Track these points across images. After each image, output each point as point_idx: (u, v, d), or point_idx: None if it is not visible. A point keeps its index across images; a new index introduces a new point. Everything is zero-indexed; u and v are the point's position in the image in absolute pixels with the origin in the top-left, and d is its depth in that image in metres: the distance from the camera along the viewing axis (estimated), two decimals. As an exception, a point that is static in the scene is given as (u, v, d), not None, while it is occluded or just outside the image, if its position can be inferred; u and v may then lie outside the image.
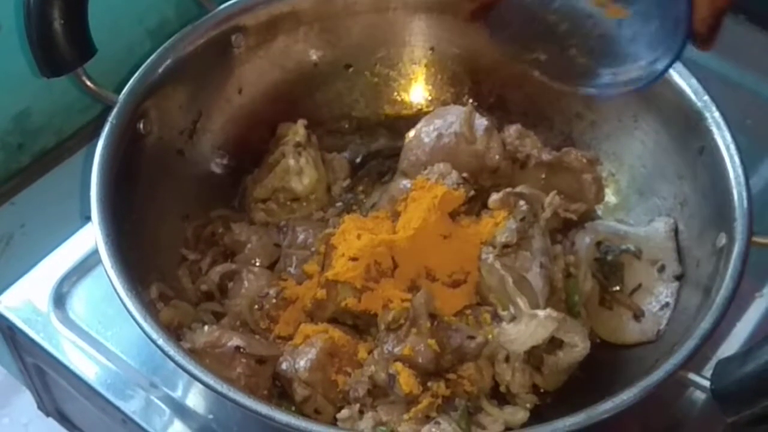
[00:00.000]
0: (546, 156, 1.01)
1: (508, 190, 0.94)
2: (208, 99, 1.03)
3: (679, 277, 0.93)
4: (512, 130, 1.04)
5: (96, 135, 0.92)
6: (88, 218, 0.88)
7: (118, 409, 0.93)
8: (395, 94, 1.13)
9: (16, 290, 1.01)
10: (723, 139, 0.91)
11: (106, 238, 0.84)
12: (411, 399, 0.83)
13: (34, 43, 0.89)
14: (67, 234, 1.06)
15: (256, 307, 0.92)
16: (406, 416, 0.83)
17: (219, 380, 0.77)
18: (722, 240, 0.86)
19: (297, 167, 1.02)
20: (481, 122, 1.02)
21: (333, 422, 0.85)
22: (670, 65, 0.84)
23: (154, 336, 0.79)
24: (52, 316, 0.99)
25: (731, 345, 0.95)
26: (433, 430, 0.81)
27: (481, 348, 0.87)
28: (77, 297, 1.01)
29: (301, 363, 0.86)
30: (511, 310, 0.87)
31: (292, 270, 0.95)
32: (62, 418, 1.11)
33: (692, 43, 0.81)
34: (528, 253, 0.90)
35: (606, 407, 0.75)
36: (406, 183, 0.98)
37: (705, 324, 0.80)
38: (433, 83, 1.13)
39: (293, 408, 0.86)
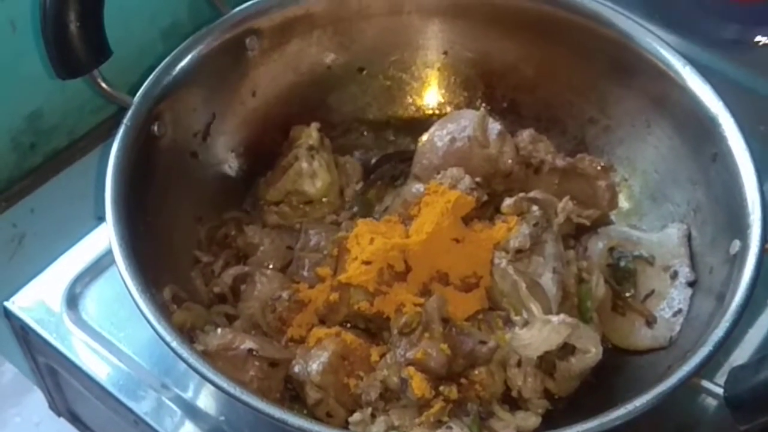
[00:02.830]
0: (560, 162, 1.01)
1: (522, 195, 0.95)
2: (222, 101, 1.03)
3: (692, 284, 0.93)
4: (525, 134, 1.04)
5: (108, 136, 0.93)
6: (101, 219, 0.88)
7: (129, 410, 0.93)
8: (408, 97, 1.13)
9: (29, 290, 1.01)
10: (737, 145, 0.91)
11: (121, 240, 0.84)
12: (423, 403, 0.83)
13: (50, 45, 0.89)
14: (79, 234, 1.06)
15: (269, 310, 0.92)
16: (417, 420, 0.83)
17: (232, 383, 0.77)
18: (736, 247, 0.86)
19: (310, 170, 1.02)
20: (494, 126, 1.02)
21: (345, 426, 0.85)
22: None
23: (168, 338, 0.79)
24: (65, 317, 0.99)
25: (744, 351, 0.95)
26: (446, 434, 0.81)
27: (492, 353, 0.87)
28: (90, 298, 1.01)
29: (314, 366, 0.86)
30: (524, 315, 0.87)
31: (304, 273, 0.95)
32: (74, 418, 1.11)
33: None
34: (541, 258, 0.90)
35: (619, 414, 0.75)
36: (419, 187, 0.98)
37: (718, 331, 0.79)
38: (447, 87, 1.13)
39: (305, 411, 0.86)
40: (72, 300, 1.00)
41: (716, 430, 0.91)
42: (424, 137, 1.04)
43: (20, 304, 1.00)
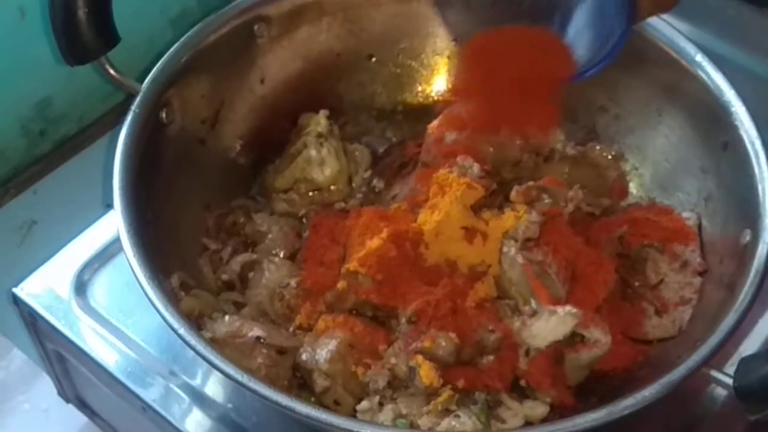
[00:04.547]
0: (570, 150, 1.01)
1: (531, 183, 0.94)
2: (231, 89, 1.03)
3: (702, 273, 0.93)
4: (535, 122, 1.03)
5: (117, 123, 0.93)
6: (109, 206, 0.88)
7: (137, 396, 0.94)
8: (418, 85, 1.13)
9: (37, 277, 1.02)
10: (748, 134, 0.90)
11: (129, 227, 0.85)
12: (431, 392, 0.83)
13: (58, 31, 0.89)
14: (88, 221, 1.06)
15: (277, 297, 0.92)
16: (425, 409, 0.83)
17: (239, 370, 0.77)
18: (746, 236, 0.85)
19: (318, 158, 1.01)
20: (504, 114, 1.02)
21: (352, 414, 0.85)
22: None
23: (176, 325, 0.79)
24: (73, 304, 0.99)
25: (754, 341, 0.94)
26: (453, 423, 0.81)
27: (500, 341, 0.87)
28: (98, 284, 1.01)
29: (322, 354, 0.86)
30: (533, 304, 0.87)
31: (312, 260, 0.95)
32: (82, 404, 1.12)
33: None
34: (550, 247, 0.90)
35: (628, 403, 0.75)
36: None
37: (728, 321, 0.79)
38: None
39: (313, 399, 0.86)
40: (80, 287, 1.01)
41: (725, 420, 0.90)
42: (434, 125, 1.03)
43: (29, 290, 1.00)
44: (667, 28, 0.99)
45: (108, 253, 1.03)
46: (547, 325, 0.85)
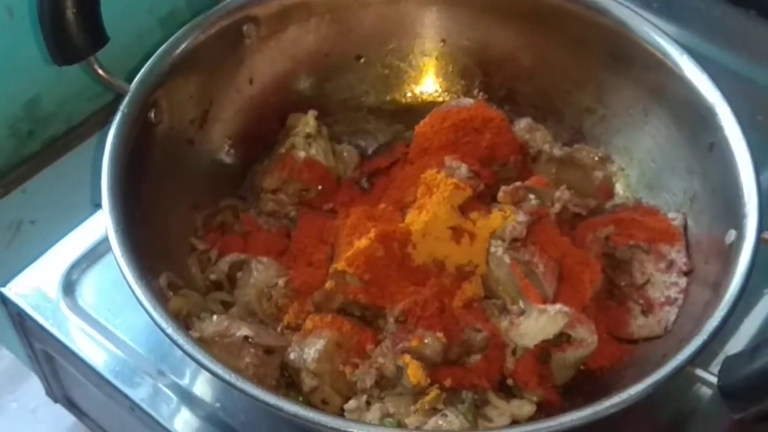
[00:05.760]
0: (557, 151, 1.01)
1: (518, 183, 0.95)
2: (219, 89, 1.03)
3: (687, 273, 0.93)
4: (522, 123, 1.04)
5: (106, 123, 0.93)
6: (98, 206, 0.88)
7: (125, 396, 0.94)
8: (406, 86, 1.13)
9: (25, 277, 1.01)
10: (733, 135, 0.91)
11: (117, 227, 0.85)
12: (418, 391, 0.84)
13: (46, 31, 0.89)
14: (77, 221, 1.06)
15: (265, 297, 0.92)
16: (413, 408, 0.83)
17: (227, 370, 0.77)
18: (732, 236, 0.86)
19: (307, 158, 1.02)
20: (492, 116, 1.02)
21: (340, 413, 0.85)
22: None
23: (164, 325, 0.80)
24: (62, 303, 0.99)
25: (739, 341, 0.95)
26: (440, 422, 0.81)
27: (487, 341, 0.87)
28: (87, 284, 1.01)
29: (310, 353, 0.86)
30: (521, 304, 0.88)
31: (301, 261, 0.95)
32: (70, 404, 1.12)
33: None
34: (537, 247, 0.90)
35: (613, 402, 0.75)
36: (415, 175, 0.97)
37: (713, 320, 0.79)
38: (444, 75, 1.12)
39: (301, 398, 0.86)
40: (69, 286, 1.01)
41: (710, 418, 0.91)
42: (421, 125, 1.04)
43: (17, 290, 1.00)
44: (653, 30, 0.99)
45: (96, 252, 1.02)
46: (537, 324, 0.85)
